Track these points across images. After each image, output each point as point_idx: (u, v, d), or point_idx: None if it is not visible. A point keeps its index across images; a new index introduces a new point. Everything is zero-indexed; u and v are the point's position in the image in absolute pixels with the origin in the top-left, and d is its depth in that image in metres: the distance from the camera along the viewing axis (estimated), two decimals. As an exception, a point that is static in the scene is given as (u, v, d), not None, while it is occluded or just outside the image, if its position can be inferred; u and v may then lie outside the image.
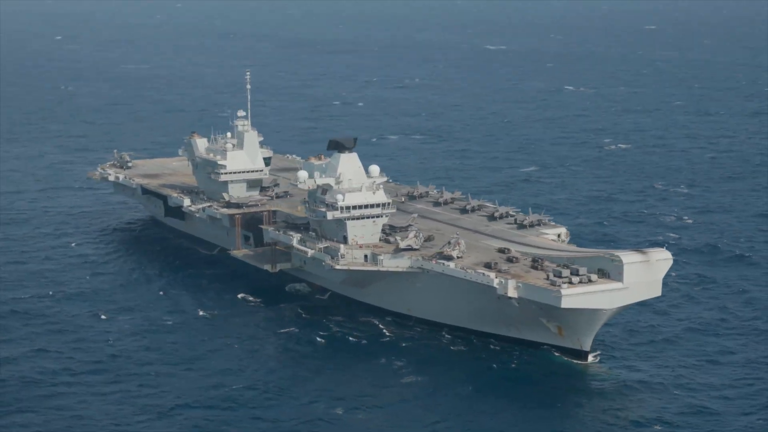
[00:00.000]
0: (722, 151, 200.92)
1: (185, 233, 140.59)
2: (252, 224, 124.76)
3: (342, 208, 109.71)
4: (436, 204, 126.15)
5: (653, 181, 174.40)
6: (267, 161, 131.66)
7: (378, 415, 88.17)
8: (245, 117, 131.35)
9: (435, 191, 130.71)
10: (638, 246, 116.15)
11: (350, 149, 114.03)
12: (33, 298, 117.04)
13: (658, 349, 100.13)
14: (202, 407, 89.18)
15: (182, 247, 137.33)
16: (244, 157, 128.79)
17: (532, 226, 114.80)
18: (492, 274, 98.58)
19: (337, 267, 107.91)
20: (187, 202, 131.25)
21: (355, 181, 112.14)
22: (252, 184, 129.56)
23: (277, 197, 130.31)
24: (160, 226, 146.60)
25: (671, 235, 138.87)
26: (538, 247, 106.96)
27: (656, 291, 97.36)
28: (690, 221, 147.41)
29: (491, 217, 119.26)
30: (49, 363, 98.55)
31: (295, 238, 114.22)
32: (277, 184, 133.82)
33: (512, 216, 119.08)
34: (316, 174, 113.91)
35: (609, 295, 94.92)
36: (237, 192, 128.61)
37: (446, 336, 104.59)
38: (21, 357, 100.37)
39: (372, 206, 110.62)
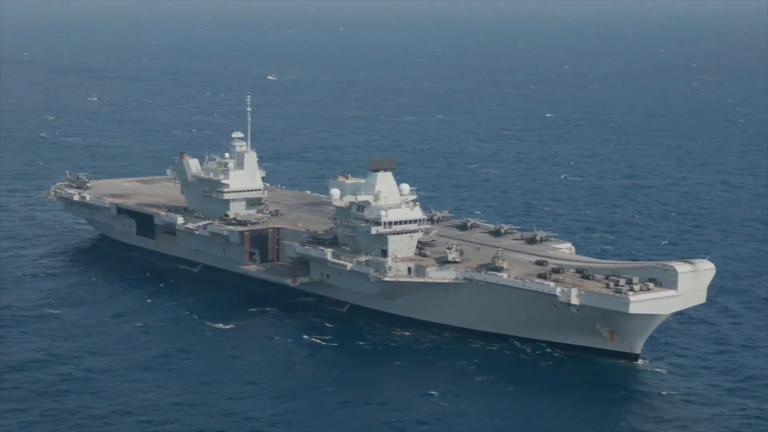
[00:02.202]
0: (572, 170, 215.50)
1: (156, 252, 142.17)
2: (258, 241, 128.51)
3: (385, 223, 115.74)
4: (430, 221, 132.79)
5: (535, 200, 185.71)
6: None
7: (472, 404, 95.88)
8: (243, 139, 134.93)
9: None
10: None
11: (389, 170, 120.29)
12: (31, 305, 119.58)
13: (707, 351, 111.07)
14: (286, 399, 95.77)
15: (158, 264, 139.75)
16: (244, 176, 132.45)
17: (542, 241, 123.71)
18: (552, 283, 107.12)
19: (386, 279, 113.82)
20: (180, 220, 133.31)
21: (390, 198, 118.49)
22: (251, 203, 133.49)
23: (272, 215, 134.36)
24: (110, 242, 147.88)
25: (607, 247, 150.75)
26: (568, 260, 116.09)
27: (701, 298, 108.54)
28: (609, 236, 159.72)
29: (496, 233, 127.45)
30: (95, 363, 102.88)
31: (329, 253, 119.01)
32: (264, 203, 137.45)
33: (512, 232, 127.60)
34: (348, 191, 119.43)
35: (667, 301, 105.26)
36: (237, 210, 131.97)
37: (480, 341, 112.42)
38: (65, 356, 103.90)
39: (411, 221, 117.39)
